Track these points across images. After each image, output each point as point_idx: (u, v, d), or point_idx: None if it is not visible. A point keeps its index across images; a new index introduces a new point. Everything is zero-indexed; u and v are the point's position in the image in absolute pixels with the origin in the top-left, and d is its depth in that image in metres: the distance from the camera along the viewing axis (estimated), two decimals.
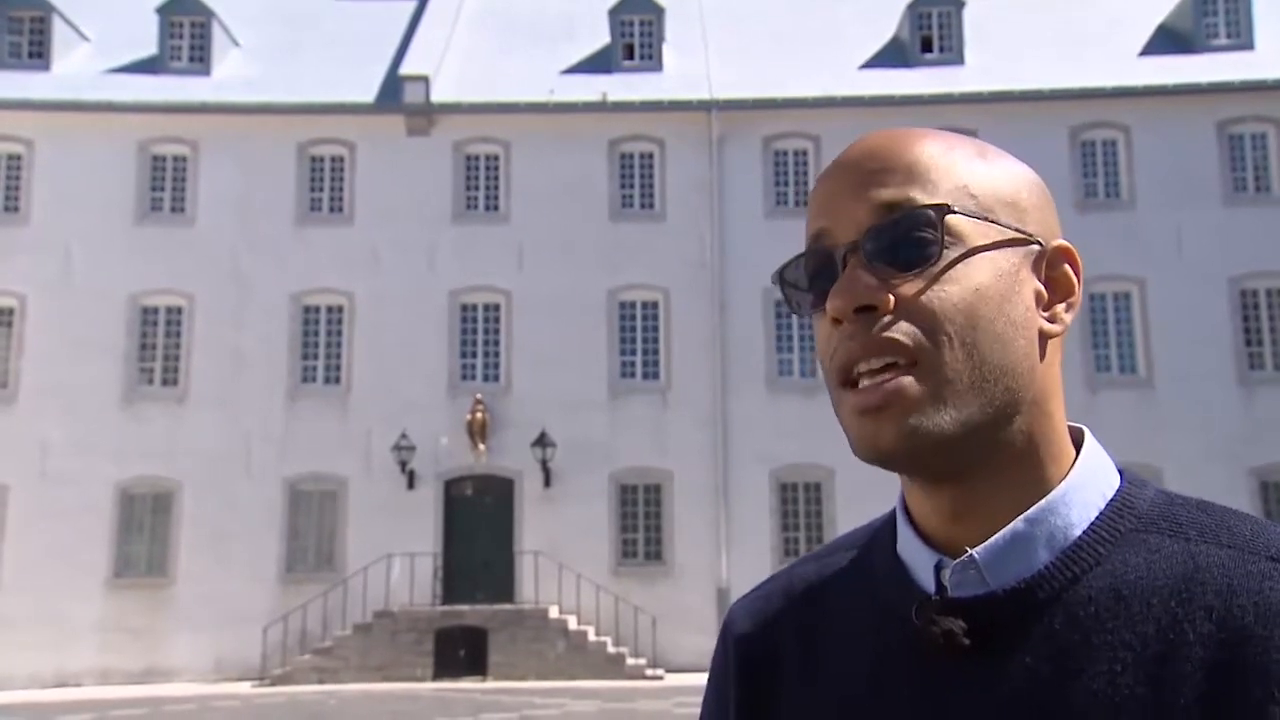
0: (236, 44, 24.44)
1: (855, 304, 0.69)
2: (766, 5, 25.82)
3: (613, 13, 24.22)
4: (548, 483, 21.12)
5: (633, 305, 22.15)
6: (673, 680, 18.91)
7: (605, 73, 23.67)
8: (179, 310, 21.77)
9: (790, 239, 22.06)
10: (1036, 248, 0.73)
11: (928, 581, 0.73)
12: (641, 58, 24.09)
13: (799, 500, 21.34)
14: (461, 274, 22.03)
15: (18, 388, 21.23)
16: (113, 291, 21.54)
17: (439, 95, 22.69)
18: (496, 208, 22.51)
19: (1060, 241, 0.75)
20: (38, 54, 23.38)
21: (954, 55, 23.85)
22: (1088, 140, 22.58)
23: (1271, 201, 22.20)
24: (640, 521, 21.35)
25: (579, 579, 20.55)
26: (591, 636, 19.64)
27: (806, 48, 24.17)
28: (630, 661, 19.42)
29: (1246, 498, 20.69)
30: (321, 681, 18.91)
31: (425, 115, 22.54)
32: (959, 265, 0.70)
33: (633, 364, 21.97)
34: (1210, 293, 21.67)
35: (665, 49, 24.26)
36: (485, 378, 21.78)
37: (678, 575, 21.02)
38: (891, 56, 24.10)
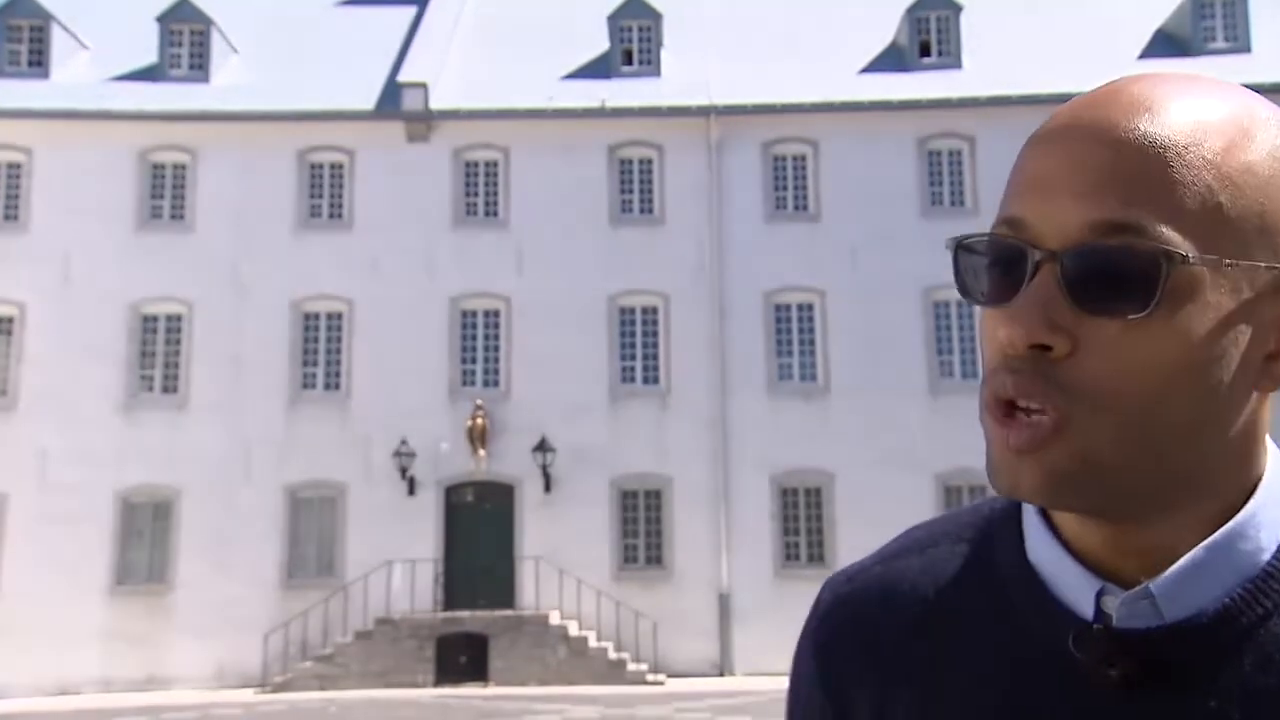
0: (235, 51, 24.48)
1: (1030, 341, 0.58)
2: (765, 10, 25.86)
3: (611, 19, 24.27)
4: (548, 488, 21.12)
5: (632, 310, 22.17)
6: (674, 685, 18.89)
7: (604, 78, 23.71)
8: (179, 317, 21.79)
9: (790, 243, 22.14)
10: None
11: (1080, 604, 0.63)
12: (640, 63, 24.14)
13: (799, 505, 21.33)
14: (461, 280, 22.05)
15: (17, 395, 21.23)
16: (113, 299, 21.55)
17: (438, 102, 22.72)
18: (496, 213, 22.54)
19: None
20: (37, 62, 23.41)
21: (952, 59, 23.89)
22: None
23: None
24: (641, 527, 21.34)
25: (580, 584, 20.54)
26: (592, 642, 19.62)
27: (805, 52, 24.20)
28: (631, 667, 19.41)
29: None
30: (323, 689, 18.89)
31: (425, 122, 22.57)
32: (1174, 319, 0.57)
33: (633, 369, 21.98)
34: None
35: (664, 54, 24.30)
36: (485, 383, 21.79)
37: (678, 580, 21.01)
38: (890, 61, 24.14)
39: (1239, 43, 23.65)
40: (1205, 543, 0.61)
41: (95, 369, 21.22)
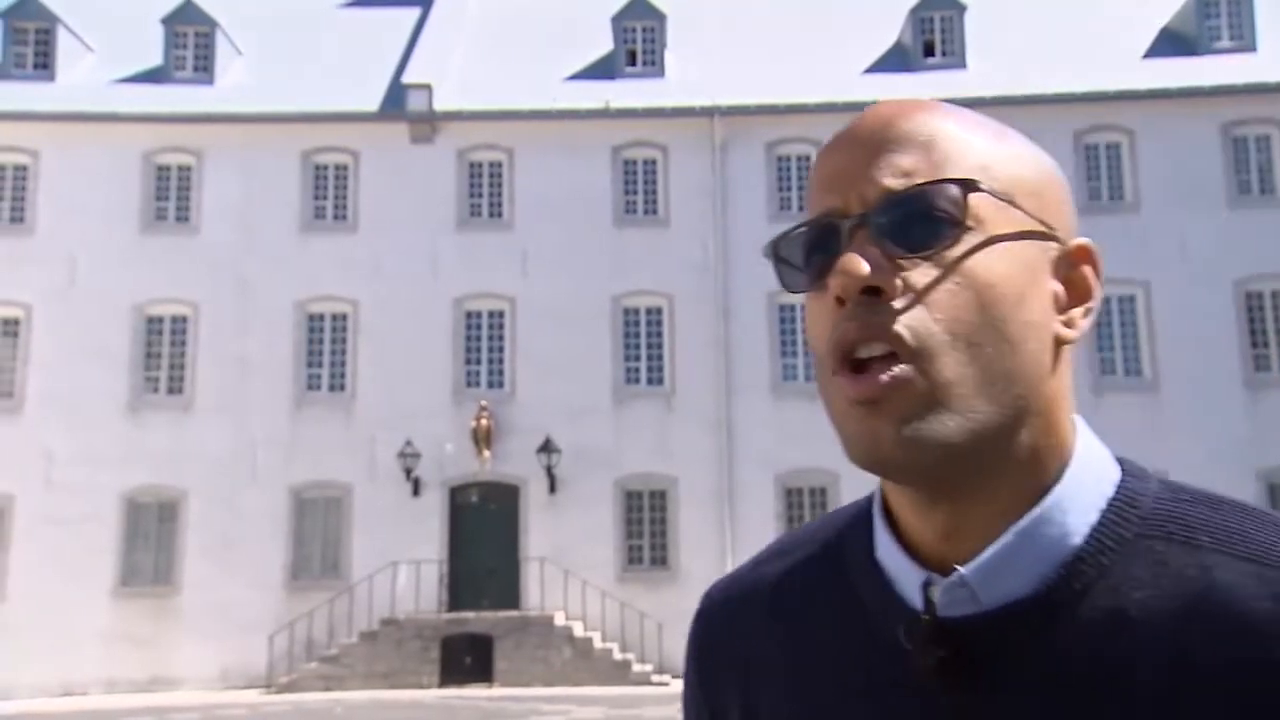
0: (240, 53, 24.52)
1: (863, 283, 0.62)
2: (769, 10, 25.85)
3: (615, 19, 24.27)
4: (553, 489, 21.12)
5: (637, 311, 22.16)
6: (679, 686, 18.84)
7: (608, 79, 23.71)
8: (184, 319, 21.82)
9: None
10: (1056, 245, 0.66)
11: (914, 597, 0.66)
12: (644, 64, 24.14)
13: (804, 505, 21.32)
14: (466, 281, 22.07)
15: (24, 397, 21.28)
16: (118, 301, 21.59)
17: (442, 103, 22.74)
18: (500, 215, 22.55)
19: (1082, 240, 0.68)
20: (43, 65, 23.47)
21: (956, 59, 23.86)
22: (1091, 144, 22.57)
23: (1276, 204, 22.16)
24: (645, 527, 21.34)
25: (584, 585, 20.54)
26: (597, 643, 19.62)
27: (809, 53, 24.19)
28: (636, 668, 19.40)
29: (1252, 501, 20.60)
30: (328, 689, 18.90)
31: (429, 123, 22.59)
32: (977, 252, 0.63)
33: (637, 370, 21.98)
34: (1215, 295, 21.65)
35: (668, 55, 24.30)
36: (490, 384, 21.80)
37: (683, 580, 20.99)
38: (894, 61, 24.12)
39: (1244, 41, 23.60)
40: (1014, 528, 0.64)
41: (101, 370, 21.26)
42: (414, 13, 26.68)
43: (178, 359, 21.71)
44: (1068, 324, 0.67)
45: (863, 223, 0.64)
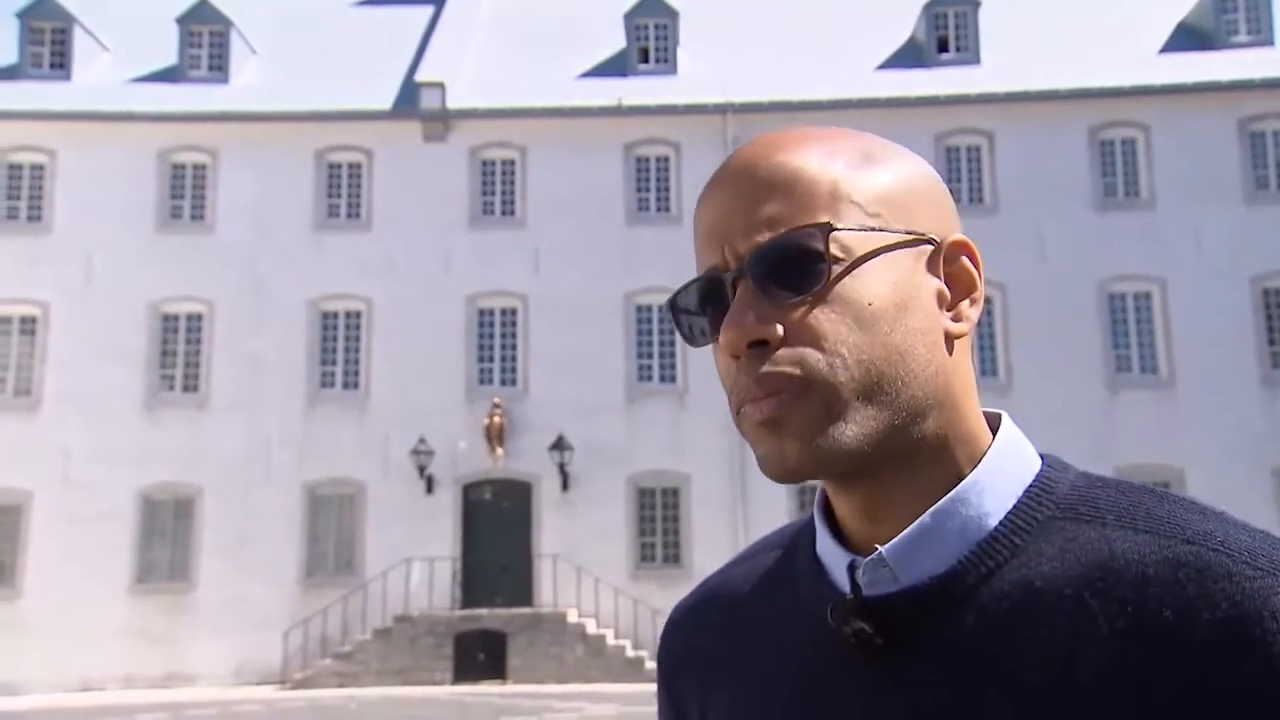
0: (254, 52, 24.61)
1: (746, 339, 0.67)
2: (781, 7, 25.79)
3: (628, 16, 24.26)
4: (565, 486, 21.14)
5: (649, 308, 22.16)
6: None
7: (620, 76, 23.70)
8: (199, 317, 21.93)
9: None
10: (929, 246, 0.71)
11: (844, 581, 0.71)
12: (656, 61, 24.12)
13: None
14: (478, 278, 22.10)
15: (40, 395, 21.43)
16: (134, 299, 21.72)
17: (455, 101, 22.78)
18: (513, 212, 22.57)
19: (956, 236, 0.72)
20: (59, 64, 23.61)
21: (970, 55, 23.75)
22: (1107, 139, 22.44)
23: None
24: (658, 525, 21.34)
25: (597, 582, 20.56)
26: (610, 640, 19.64)
27: (822, 49, 24.13)
28: (649, 665, 19.39)
29: (1269, 498, 20.49)
30: (342, 686, 18.99)
31: (442, 121, 22.63)
32: (848, 281, 0.67)
33: (650, 367, 21.98)
34: (1231, 292, 21.50)
35: (680, 52, 24.27)
36: (503, 382, 21.83)
37: (696, 578, 20.92)
38: (908, 57, 24.02)
39: (1262, 36, 23.42)
40: (931, 510, 0.68)
41: (117, 368, 21.39)
42: (427, 11, 26.73)
43: (193, 357, 21.83)
44: (956, 318, 0.71)
45: (741, 275, 0.69)
